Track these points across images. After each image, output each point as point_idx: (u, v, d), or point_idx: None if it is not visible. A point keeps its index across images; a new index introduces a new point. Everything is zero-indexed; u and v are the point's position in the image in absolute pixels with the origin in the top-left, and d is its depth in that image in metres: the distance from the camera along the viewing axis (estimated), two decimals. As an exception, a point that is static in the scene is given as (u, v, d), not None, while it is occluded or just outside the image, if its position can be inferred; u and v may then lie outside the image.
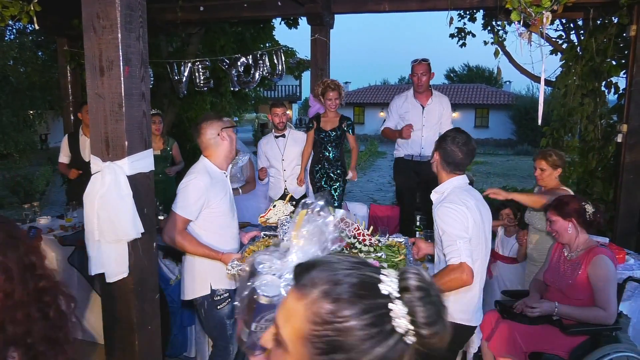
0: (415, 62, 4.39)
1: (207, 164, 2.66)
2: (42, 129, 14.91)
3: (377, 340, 0.69)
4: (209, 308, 2.72)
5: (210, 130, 2.64)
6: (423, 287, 0.74)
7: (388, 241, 2.98)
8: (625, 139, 4.26)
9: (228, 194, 2.73)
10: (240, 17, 6.28)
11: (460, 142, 2.35)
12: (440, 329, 0.73)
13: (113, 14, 2.03)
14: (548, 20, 2.99)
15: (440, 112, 4.48)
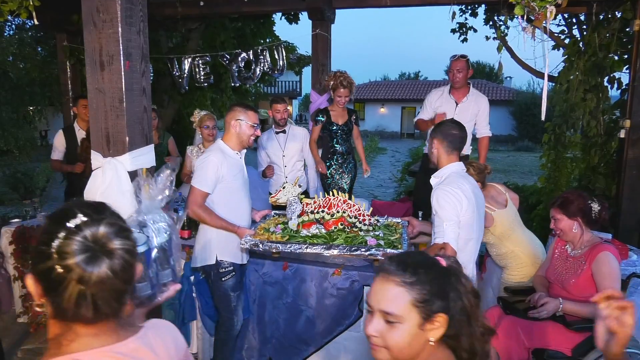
0: (453, 58, 4.30)
1: (221, 144, 2.91)
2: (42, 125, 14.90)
3: None
4: (215, 279, 2.95)
5: (230, 115, 2.91)
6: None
7: (387, 221, 3.35)
8: (628, 135, 4.24)
9: (242, 173, 2.97)
10: (241, 12, 6.25)
11: (451, 123, 2.67)
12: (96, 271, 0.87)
13: (113, 8, 2.01)
14: (552, 14, 2.96)
15: (475, 111, 4.37)
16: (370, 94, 31.05)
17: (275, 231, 3.11)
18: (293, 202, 3.21)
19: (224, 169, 2.81)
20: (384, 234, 3.05)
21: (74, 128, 4.71)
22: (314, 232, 3.05)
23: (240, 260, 3.03)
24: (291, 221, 3.18)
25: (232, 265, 2.96)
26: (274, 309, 3.27)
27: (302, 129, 4.56)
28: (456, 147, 2.61)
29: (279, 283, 3.23)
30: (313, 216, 3.16)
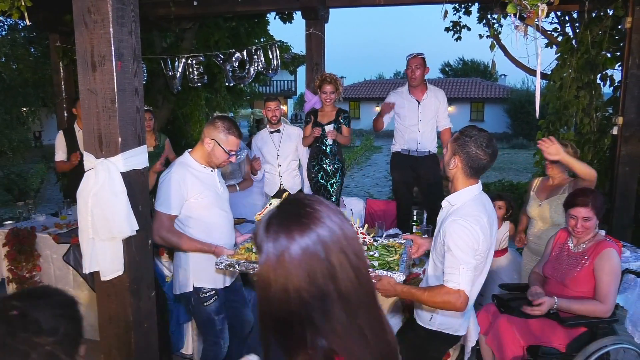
0: (410, 56, 4.38)
1: (187, 158, 2.65)
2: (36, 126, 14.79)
3: None
4: (196, 304, 2.72)
5: (209, 130, 2.62)
6: None
7: (388, 242, 2.89)
8: (621, 132, 4.27)
9: (212, 187, 2.68)
10: (235, 12, 6.24)
11: (484, 143, 2.09)
12: None
13: (104, 8, 2.00)
14: (544, 12, 2.97)
15: (436, 106, 4.45)
16: (365, 93, 31.05)
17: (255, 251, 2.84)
18: None
19: (186, 185, 2.54)
20: (381, 254, 2.69)
21: (74, 129, 4.72)
22: None
23: (221, 284, 2.76)
24: None
25: (214, 290, 2.72)
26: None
27: (296, 129, 4.55)
28: (480, 173, 2.17)
29: None
30: None
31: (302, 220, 0.96)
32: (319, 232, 0.95)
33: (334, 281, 0.95)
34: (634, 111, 4.21)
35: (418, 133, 4.42)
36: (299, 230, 0.95)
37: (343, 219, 1.00)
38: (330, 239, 0.96)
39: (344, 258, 0.97)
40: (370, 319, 0.99)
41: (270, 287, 0.95)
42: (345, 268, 0.96)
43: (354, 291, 0.96)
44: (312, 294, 0.94)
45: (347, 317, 0.95)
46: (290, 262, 0.93)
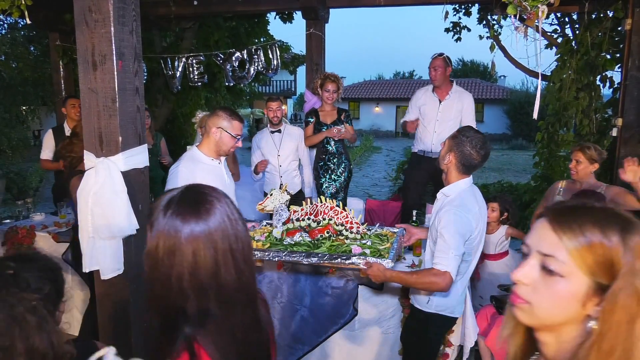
0: (432, 56, 4.36)
1: (195, 151, 2.74)
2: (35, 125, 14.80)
3: None
4: None
5: (212, 119, 2.73)
6: None
7: (382, 230, 3.05)
8: (620, 133, 4.27)
9: (220, 180, 2.77)
10: (235, 12, 6.24)
11: (478, 144, 2.28)
12: None
13: (105, 7, 2.00)
14: (544, 14, 2.97)
15: (459, 108, 4.39)
16: (364, 93, 31.05)
17: (260, 239, 2.93)
18: (279, 210, 3.08)
19: (196, 179, 2.57)
20: (373, 242, 2.80)
21: (64, 128, 4.72)
22: (297, 240, 2.85)
23: None
24: (276, 229, 3.02)
25: None
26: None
27: (297, 129, 4.55)
28: (471, 171, 2.36)
29: (274, 282, 3.23)
30: (298, 224, 2.98)
31: (200, 210, 1.00)
32: (212, 227, 0.99)
33: (216, 278, 0.99)
34: (634, 113, 4.22)
35: (434, 133, 4.40)
36: (194, 219, 0.98)
37: (239, 221, 1.04)
38: (221, 237, 1.00)
39: (230, 258, 1.00)
40: (245, 319, 1.02)
41: (157, 266, 0.99)
42: (229, 268, 1.00)
43: (233, 291, 1.00)
44: (191, 285, 0.98)
45: (220, 314, 0.99)
46: (179, 247, 0.97)
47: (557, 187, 3.59)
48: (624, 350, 0.74)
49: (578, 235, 0.79)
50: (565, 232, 0.81)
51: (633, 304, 0.75)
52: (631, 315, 0.75)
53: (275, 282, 3.23)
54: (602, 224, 0.79)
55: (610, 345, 0.75)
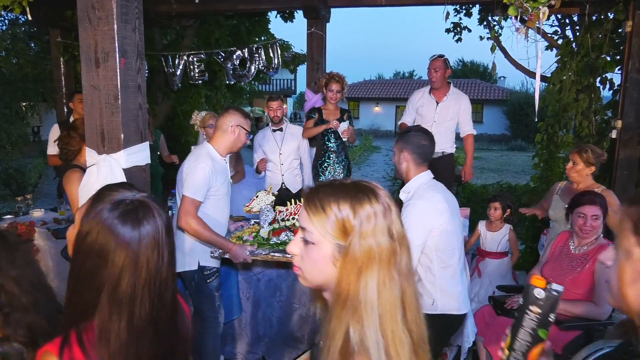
0: (431, 58, 4.39)
1: (210, 149, 2.83)
2: (35, 121, 14.78)
3: None
4: (199, 282, 2.91)
5: (229, 117, 2.82)
6: None
7: None
8: (620, 135, 4.28)
9: (227, 179, 2.93)
10: (236, 10, 6.24)
11: (419, 132, 2.46)
12: None
13: (109, 5, 2.01)
14: (544, 15, 2.99)
15: (456, 110, 4.44)
16: (364, 92, 31.06)
17: (248, 239, 3.08)
18: (265, 210, 3.20)
19: (213, 177, 2.75)
20: None
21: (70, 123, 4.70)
22: (283, 240, 3.00)
23: (219, 264, 3.03)
24: (262, 229, 3.15)
25: (216, 267, 2.98)
26: (268, 307, 3.28)
27: (299, 128, 4.57)
28: (427, 158, 2.45)
29: (273, 281, 3.24)
30: (284, 223, 3.15)
31: (138, 215, 1.06)
32: (141, 250, 1.05)
33: (130, 304, 1.04)
34: (633, 115, 4.23)
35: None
36: (130, 222, 1.05)
37: (168, 231, 1.12)
38: (146, 265, 1.05)
39: (146, 291, 1.06)
40: (153, 345, 1.06)
41: (84, 260, 1.05)
42: (144, 300, 1.05)
43: (142, 323, 1.04)
44: (107, 297, 1.03)
45: (126, 322, 1.03)
46: (110, 254, 1.03)
47: (557, 187, 3.62)
48: (352, 293, 0.91)
49: (319, 209, 0.96)
50: (311, 207, 0.97)
51: (360, 258, 0.92)
52: (359, 267, 0.92)
53: (274, 280, 3.24)
54: (337, 198, 0.96)
55: (342, 290, 0.93)
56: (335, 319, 0.93)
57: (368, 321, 0.90)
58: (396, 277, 0.93)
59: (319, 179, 4.46)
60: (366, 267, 0.92)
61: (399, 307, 0.93)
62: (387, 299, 0.91)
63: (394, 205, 1.01)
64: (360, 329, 0.90)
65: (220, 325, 3.04)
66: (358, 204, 0.95)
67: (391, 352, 0.90)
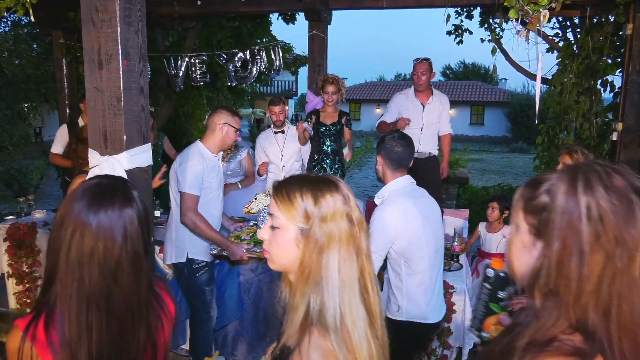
0: (416, 61, 4.41)
1: (201, 147, 2.93)
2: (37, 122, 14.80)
3: None
4: (189, 275, 2.97)
5: (217, 116, 2.93)
6: None
7: None
8: (621, 137, 4.29)
9: (218, 175, 3.03)
10: (238, 12, 6.26)
11: (396, 136, 2.45)
12: None
13: (112, 7, 2.02)
14: (545, 18, 3.00)
15: (440, 111, 4.53)
16: (366, 94, 31.09)
17: (245, 239, 3.18)
18: (263, 212, 3.27)
19: (205, 172, 2.86)
20: None
21: (78, 124, 4.72)
22: None
23: (209, 258, 3.08)
24: (259, 229, 3.21)
25: (205, 262, 3.03)
26: (269, 307, 3.30)
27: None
28: (403, 164, 2.42)
29: (275, 282, 3.25)
30: None
31: (105, 202, 1.14)
32: (100, 220, 1.12)
33: (89, 265, 1.11)
34: (634, 117, 4.24)
35: (420, 136, 4.46)
36: (95, 207, 1.12)
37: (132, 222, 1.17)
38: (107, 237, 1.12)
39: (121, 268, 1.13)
40: (105, 321, 1.12)
41: (60, 238, 1.12)
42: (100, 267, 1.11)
43: (101, 288, 1.11)
44: (68, 262, 1.11)
45: (85, 307, 1.10)
46: (84, 237, 1.11)
47: None
48: (314, 270, 1.02)
49: (285, 198, 1.07)
50: (278, 196, 1.09)
51: (321, 239, 1.03)
52: (320, 247, 1.03)
53: (275, 281, 3.25)
54: (301, 188, 1.07)
55: (305, 267, 1.04)
56: (299, 293, 1.03)
57: (328, 294, 1.00)
58: (355, 256, 1.05)
59: None
60: (327, 246, 1.02)
61: (358, 283, 1.03)
62: (347, 274, 1.02)
63: (353, 196, 1.11)
64: (320, 301, 1.00)
65: (212, 320, 3.08)
66: (319, 193, 1.06)
67: (347, 323, 0.99)
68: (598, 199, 0.82)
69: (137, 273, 1.16)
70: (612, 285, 0.81)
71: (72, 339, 1.09)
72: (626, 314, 0.81)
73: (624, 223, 0.82)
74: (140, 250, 1.17)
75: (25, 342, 1.08)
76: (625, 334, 0.81)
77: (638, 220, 0.82)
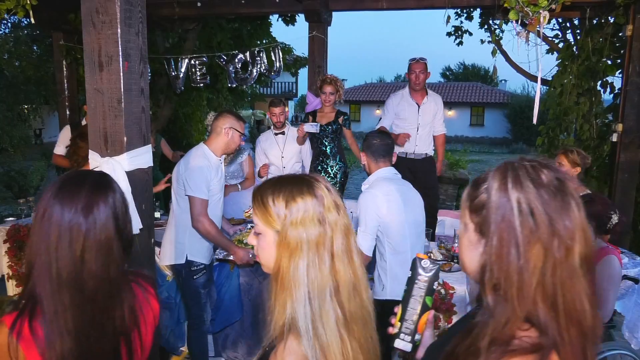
0: (413, 61, 4.42)
1: (205, 149, 2.94)
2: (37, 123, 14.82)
3: None
4: (186, 277, 2.98)
5: (223, 120, 2.94)
6: None
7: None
8: (620, 138, 4.29)
9: (220, 176, 3.04)
10: (238, 13, 6.26)
11: (375, 133, 2.80)
12: None
13: (112, 9, 2.02)
14: (545, 19, 3.00)
15: (434, 110, 4.56)
16: (366, 95, 31.09)
17: (247, 242, 3.15)
18: None
19: (210, 175, 2.87)
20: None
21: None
22: None
23: (208, 260, 3.07)
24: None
25: (203, 264, 3.02)
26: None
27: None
28: (381, 154, 2.69)
29: None
30: None
31: (71, 196, 1.18)
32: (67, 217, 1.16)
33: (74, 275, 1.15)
34: (634, 118, 4.24)
35: (416, 136, 4.48)
36: (61, 194, 1.18)
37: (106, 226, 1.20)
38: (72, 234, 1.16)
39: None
40: (78, 302, 1.17)
41: (41, 239, 1.17)
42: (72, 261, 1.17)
43: (73, 283, 1.16)
44: (42, 262, 1.16)
45: (57, 289, 1.15)
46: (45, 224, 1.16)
47: None
48: (284, 273, 1.05)
49: (260, 204, 1.11)
50: (256, 203, 1.13)
51: (291, 243, 1.05)
52: (290, 251, 1.05)
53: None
54: (273, 193, 1.10)
55: (278, 270, 1.07)
56: (274, 296, 1.07)
57: (298, 297, 1.03)
58: (326, 258, 1.06)
59: None
60: (295, 250, 1.05)
61: (329, 284, 1.05)
62: (315, 278, 1.04)
63: (331, 195, 1.12)
64: (291, 304, 1.03)
65: (206, 323, 3.08)
66: (291, 197, 1.08)
67: (317, 325, 1.02)
68: (527, 194, 0.86)
69: (107, 257, 1.20)
70: (554, 276, 0.84)
71: (50, 319, 1.14)
72: (570, 302, 0.85)
73: (557, 216, 0.85)
74: (111, 235, 1.21)
75: (11, 339, 1.12)
76: (572, 322, 0.85)
77: (572, 212, 0.86)
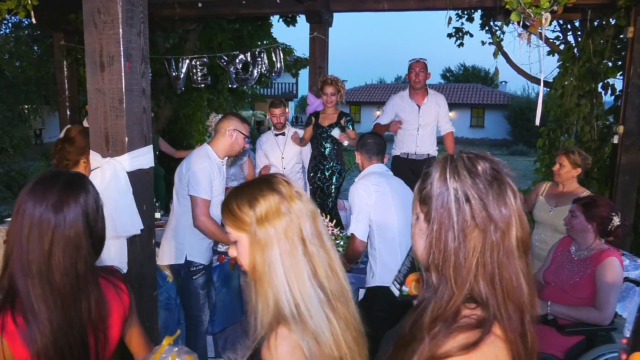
0: (413, 60, 4.42)
1: (209, 150, 2.95)
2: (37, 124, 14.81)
3: None
4: (185, 277, 2.97)
5: (227, 122, 2.96)
6: None
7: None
8: (621, 140, 4.29)
9: (222, 177, 3.06)
10: (239, 14, 6.26)
11: (369, 135, 3.05)
12: None
13: (114, 9, 2.02)
14: (547, 21, 3.00)
15: (436, 111, 4.50)
16: (366, 97, 31.10)
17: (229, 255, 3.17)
18: None
19: (213, 175, 2.87)
20: (345, 243, 3.14)
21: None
22: None
23: (207, 261, 3.07)
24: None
25: (202, 265, 3.01)
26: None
27: (301, 131, 4.58)
28: (374, 152, 2.91)
29: None
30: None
31: (44, 194, 1.25)
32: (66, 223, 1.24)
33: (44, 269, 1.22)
34: (635, 120, 4.24)
35: (417, 137, 4.47)
36: (34, 190, 1.26)
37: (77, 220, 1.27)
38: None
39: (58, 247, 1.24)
40: (49, 293, 1.22)
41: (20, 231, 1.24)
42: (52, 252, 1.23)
43: (51, 270, 1.22)
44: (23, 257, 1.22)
45: (30, 279, 1.21)
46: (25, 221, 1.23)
47: (541, 188, 3.65)
48: (261, 268, 1.12)
49: (228, 213, 1.18)
50: (223, 212, 1.20)
51: (262, 239, 1.12)
52: (262, 246, 1.12)
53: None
54: (237, 199, 1.17)
55: (254, 269, 1.13)
56: (254, 295, 1.13)
57: (278, 286, 1.09)
58: (298, 244, 1.13)
59: (311, 182, 4.46)
60: (266, 245, 1.12)
61: (305, 267, 1.12)
62: (291, 264, 1.11)
63: (289, 187, 1.19)
64: (273, 295, 1.09)
65: (204, 323, 3.07)
66: (253, 198, 1.15)
67: (301, 308, 1.08)
68: (464, 183, 0.94)
69: (75, 253, 1.27)
70: (492, 257, 0.92)
71: (27, 311, 1.20)
72: (507, 280, 0.92)
73: (492, 202, 0.92)
74: (80, 233, 1.27)
75: None
76: (509, 297, 0.92)
77: (507, 199, 0.93)
